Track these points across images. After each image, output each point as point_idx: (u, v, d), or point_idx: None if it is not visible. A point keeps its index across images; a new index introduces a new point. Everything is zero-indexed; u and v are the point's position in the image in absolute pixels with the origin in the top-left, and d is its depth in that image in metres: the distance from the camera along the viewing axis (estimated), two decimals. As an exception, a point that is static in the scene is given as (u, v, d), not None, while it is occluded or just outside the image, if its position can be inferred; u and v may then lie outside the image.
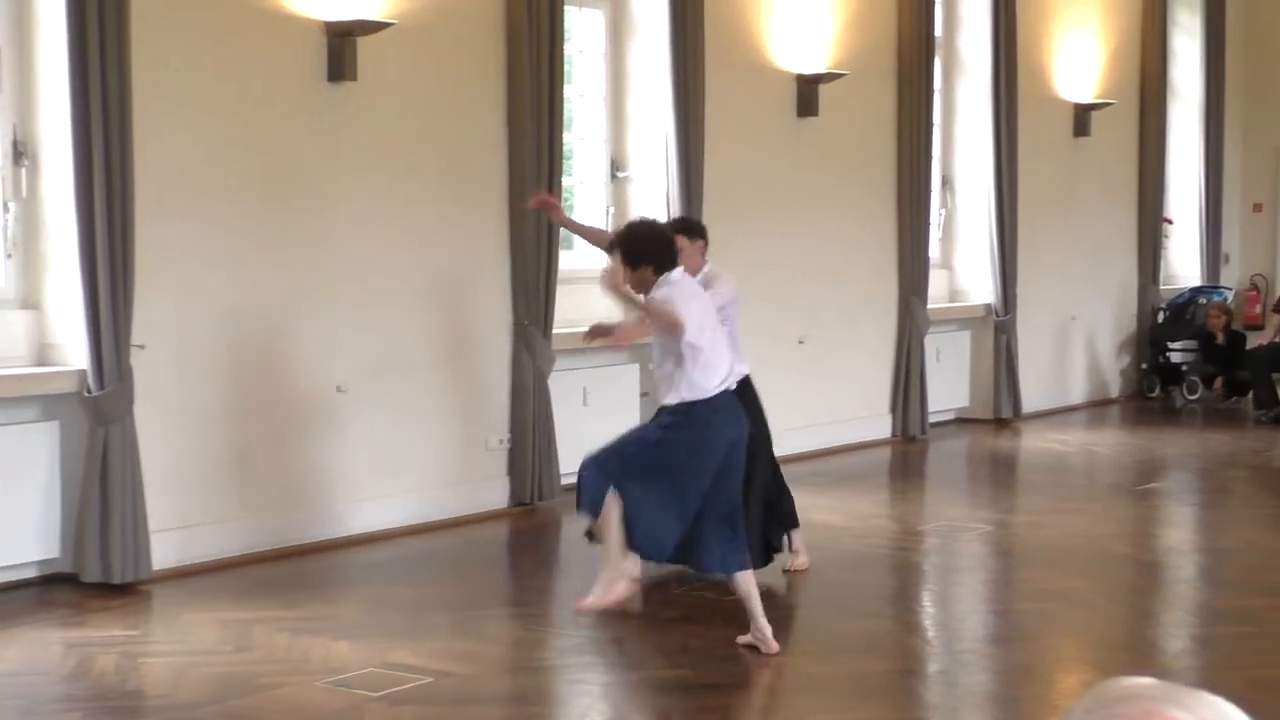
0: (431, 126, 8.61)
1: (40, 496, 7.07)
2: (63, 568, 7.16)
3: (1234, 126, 15.93)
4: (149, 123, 7.19)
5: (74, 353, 7.16)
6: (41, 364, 7.27)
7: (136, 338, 7.14)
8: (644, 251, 6.23)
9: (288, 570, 7.58)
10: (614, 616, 6.73)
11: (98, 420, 7.03)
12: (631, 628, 6.62)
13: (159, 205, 7.31)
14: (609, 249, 6.67)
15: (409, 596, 7.17)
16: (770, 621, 6.35)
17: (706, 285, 6.76)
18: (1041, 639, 6.66)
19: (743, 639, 6.24)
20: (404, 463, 8.52)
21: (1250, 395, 13.44)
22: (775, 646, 6.14)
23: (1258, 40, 16.22)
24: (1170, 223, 15.37)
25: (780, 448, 10.74)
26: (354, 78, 8.03)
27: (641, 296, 6.17)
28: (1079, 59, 13.88)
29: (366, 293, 8.31)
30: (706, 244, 7.33)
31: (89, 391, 7.03)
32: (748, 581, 6.21)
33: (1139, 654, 6.43)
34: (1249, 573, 7.74)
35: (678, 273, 6.24)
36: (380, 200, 8.36)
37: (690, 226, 7.42)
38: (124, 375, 7.05)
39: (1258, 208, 16.47)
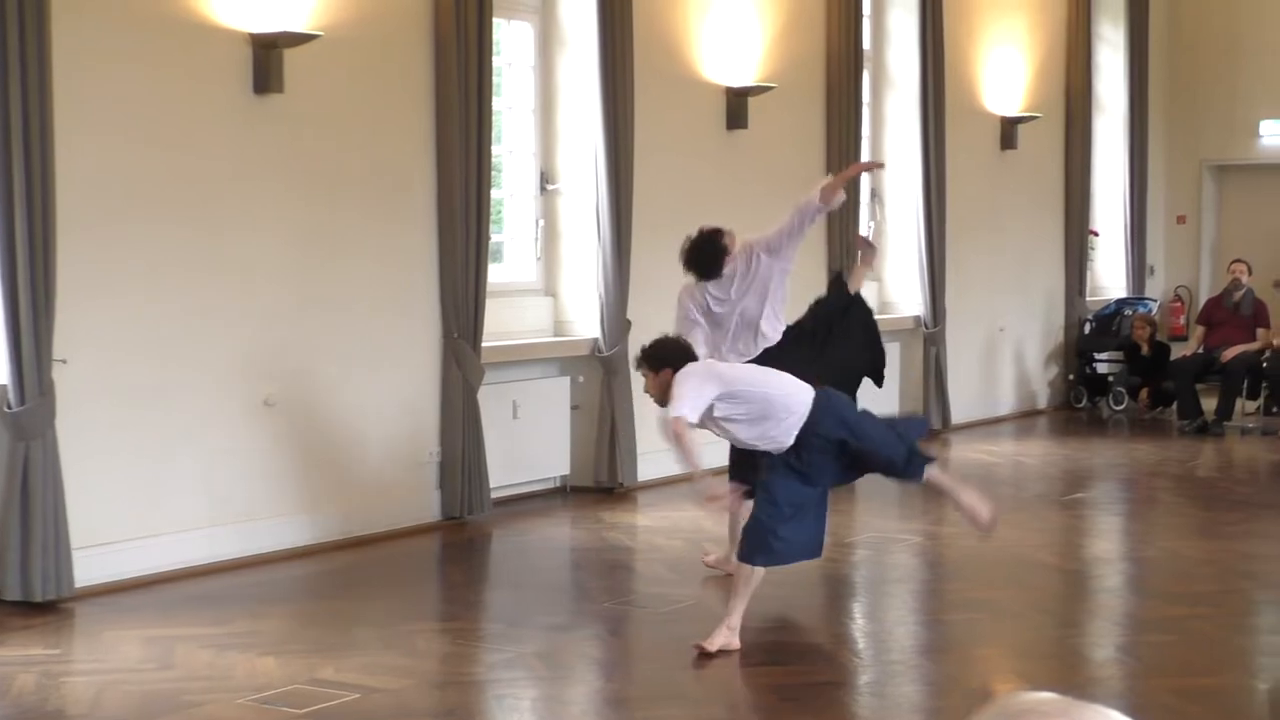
0: (359, 139, 8.56)
1: (-41, 513, 6.95)
2: (-17, 586, 7.05)
3: (1157, 140, 16.14)
4: (71, 135, 7.10)
5: (-6, 367, 7.05)
6: (-39, 379, 7.16)
7: (58, 352, 7.04)
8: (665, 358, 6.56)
9: (213, 586, 7.50)
10: (541, 630, 6.71)
11: (18, 436, 6.92)
12: (560, 642, 6.60)
13: (81, 218, 7.22)
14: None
15: (337, 611, 7.11)
16: (699, 634, 6.35)
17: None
18: (969, 649, 6.69)
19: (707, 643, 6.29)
20: (333, 476, 8.45)
21: (1174, 406, 13.60)
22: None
23: (1180, 54, 16.44)
24: (1096, 235, 15.54)
25: (713, 459, 10.77)
26: (280, 90, 7.97)
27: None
28: (1005, 73, 14.01)
29: (295, 305, 8.24)
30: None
31: (9, 407, 6.93)
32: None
33: (1065, 664, 6.48)
34: (1173, 581, 7.82)
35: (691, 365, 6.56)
36: (308, 212, 8.30)
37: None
38: (45, 390, 6.95)
39: (1181, 220, 16.68)
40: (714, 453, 7.27)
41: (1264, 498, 10.60)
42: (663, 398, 6.53)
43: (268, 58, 7.92)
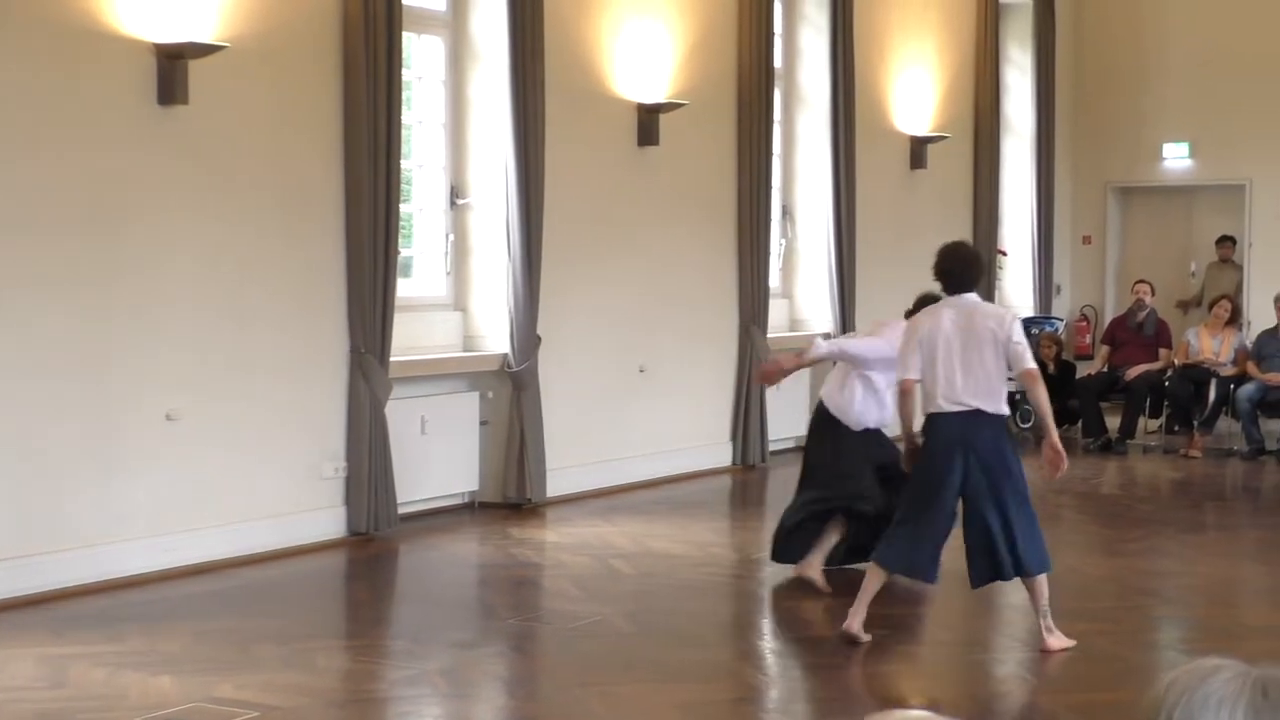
0: (266, 151, 8.47)
1: None
2: (-127, 603, 6.89)
3: (1064, 161, 16.37)
4: (-32, 143, 6.99)
5: (-113, 380, 6.91)
6: None
7: (-47, 364, 6.92)
8: None
9: (111, 603, 7.37)
10: (445, 647, 6.66)
11: (-89, 450, 6.78)
12: (465, 659, 6.55)
13: (-21, 228, 7.09)
14: None
15: (238, 628, 7.01)
16: (603, 652, 6.33)
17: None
18: (874, 666, 6.72)
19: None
20: (237, 492, 8.35)
21: (1079, 424, 13.77)
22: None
23: (1086, 78, 16.69)
24: (1004, 254, 15.72)
25: (621, 475, 10.81)
26: (185, 101, 7.88)
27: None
28: (915, 93, 14.15)
29: (198, 319, 8.14)
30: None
31: (-98, 420, 6.79)
32: None
33: (968, 680, 6.53)
34: (1074, 598, 7.89)
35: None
36: (213, 225, 8.20)
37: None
38: (-60, 403, 6.82)
39: (1087, 240, 16.91)
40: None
41: (1165, 515, 10.74)
42: None
43: (172, 69, 7.82)
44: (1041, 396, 6.80)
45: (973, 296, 6.91)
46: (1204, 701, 1.83)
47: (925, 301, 8.54)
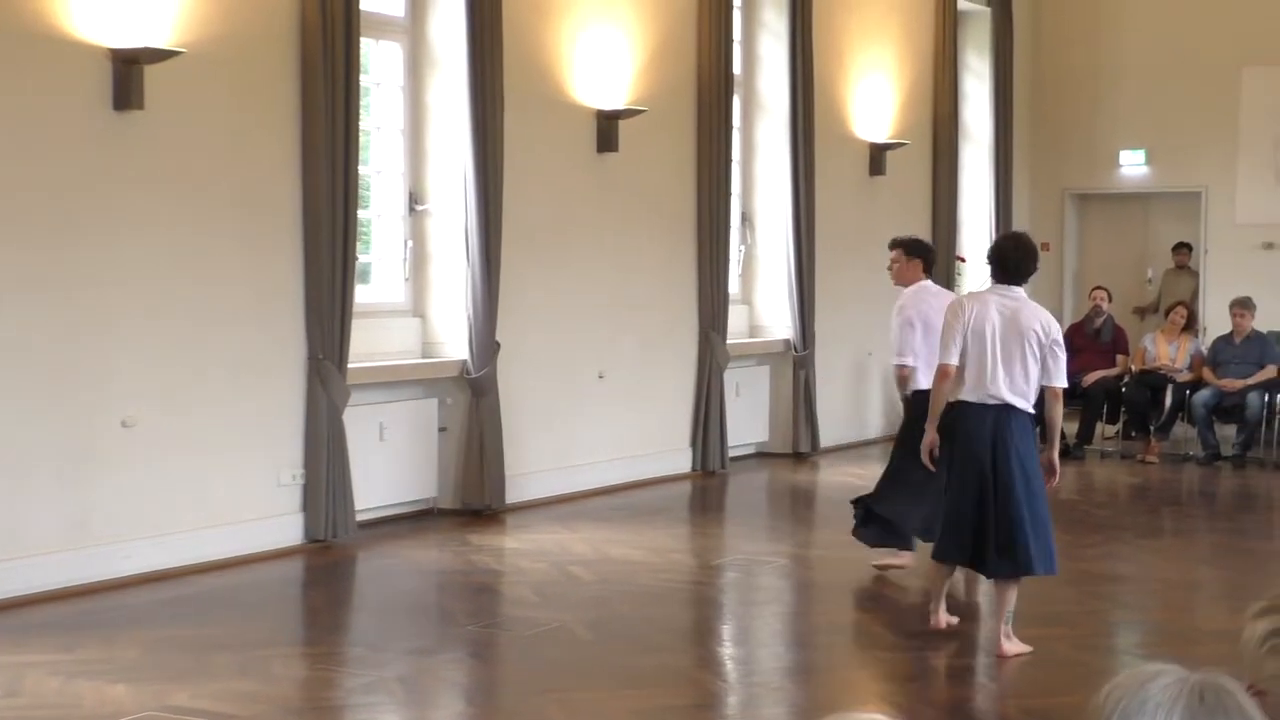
0: (223, 157, 8.43)
1: None
2: None
3: (1022, 168, 16.46)
4: (-79, 148, 6.92)
5: None
6: None
7: (-95, 371, 6.85)
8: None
9: (66, 611, 7.32)
10: (403, 654, 6.64)
11: None
12: (422, 666, 6.53)
13: (-69, 233, 7.03)
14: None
15: (193, 636, 6.97)
16: (562, 658, 6.30)
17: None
18: (835, 672, 6.74)
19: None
20: (193, 498, 8.30)
21: (1037, 430, 13.81)
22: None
23: (1044, 85, 16.78)
24: (963, 261, 15.78)
25: (581, 481, 10.80)
26: (141, 106, 7.82)
27: None
28: (874, 100, 14.20)
29: (155, 326, 8.09)
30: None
31: None
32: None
33: (926, 684, 6.55)
34: (1030, 602, 7.90)
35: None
36: (169, 232, 8.15)
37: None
38: (-109, 410, 6.76)
39: (1045, 247, 16.97)
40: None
41: (1122, 520, 10.81)
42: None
43: (128, 74, 7.77)
44: (1058, 412, 6.94)
45: (1021, 291, 6.84)
46: (1141, 707, 1.84)
47: (906, 247, 8.63)
